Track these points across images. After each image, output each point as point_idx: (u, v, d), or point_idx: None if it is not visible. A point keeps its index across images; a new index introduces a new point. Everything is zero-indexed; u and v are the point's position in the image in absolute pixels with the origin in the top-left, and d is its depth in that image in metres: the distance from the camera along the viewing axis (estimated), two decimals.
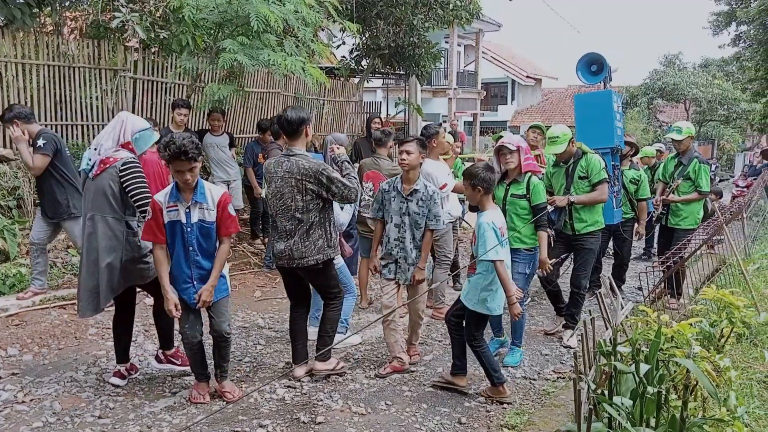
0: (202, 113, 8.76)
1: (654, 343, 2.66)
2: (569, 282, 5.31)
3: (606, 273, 6.52)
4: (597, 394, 2.57)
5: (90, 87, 7.62)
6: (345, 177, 4.14)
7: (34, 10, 7.00)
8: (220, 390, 3.97)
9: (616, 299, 3.11)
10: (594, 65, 6.12)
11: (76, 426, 3.62)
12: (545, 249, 4.58)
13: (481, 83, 25.83)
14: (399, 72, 12.79)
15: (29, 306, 5.29)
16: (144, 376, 4.33)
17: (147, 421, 3.66)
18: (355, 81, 13.28)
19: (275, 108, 10.63)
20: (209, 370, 4.02)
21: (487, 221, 3.89)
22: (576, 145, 5.16)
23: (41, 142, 5.10)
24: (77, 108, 7.60)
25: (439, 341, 5.24)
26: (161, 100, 8.48)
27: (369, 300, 6.15)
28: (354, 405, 3.96)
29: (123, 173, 3.83)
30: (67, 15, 8.59)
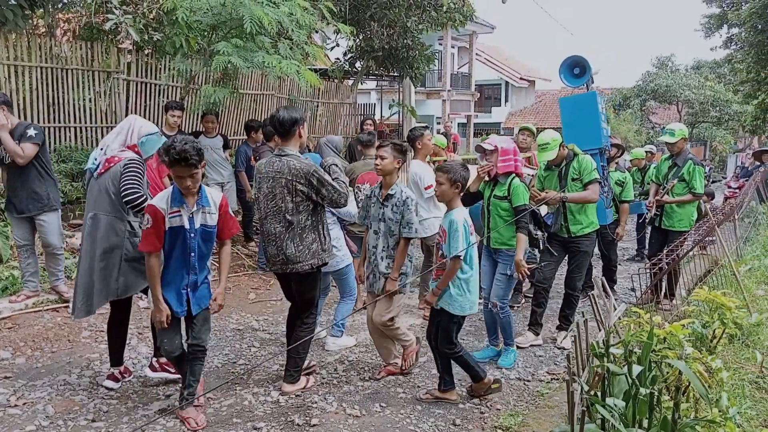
0: (195, 115, 8.75)
1: (646, 345, 2.68)
2: (563, 284, 5.34)
3: (597, 274, 6.56)
4: (590, 395, 2.58)
5: (83, 89, 7.60)
6: (335, 181, 4.06)
7: (26, 11, 6.98)
8: (182, 417, 3.66)
9: (609, 301, 3.13)
10: (577, 68, 6.16)
11: (69, 429, 3.60)
12: (521, 251, 4.55)
13: (475, 85, 25.94)
14: (393, 74, 12.82)
15: (22, 309, 5.26)
16: (138, 379, 4.31)
17: (141, 425, 3.65)
18: (349, 83, 13.30)
19: (269, 110, 10.64)
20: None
21: (460, 219, 3.86)
22: (568, 147, 5.19)
23: (32, 131, 5.00)
24: (70, 110, 7.58)
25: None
26: (155, 102, 8.47)
27: (364, 302, 6.14)
28: (348, 407, 3.97)
29: (123, 170, 3.80)
30: (60, 17, 8.57)
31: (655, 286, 5.76)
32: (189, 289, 3.60)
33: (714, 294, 3.81)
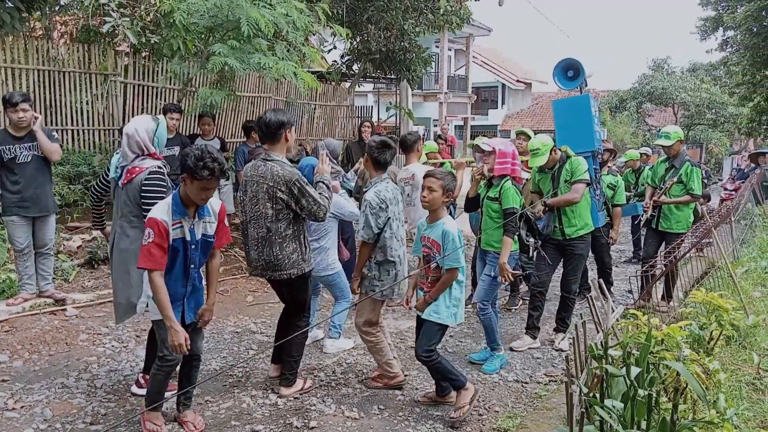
0: (192, 117, 8.75)
1: (644, 347, 2.68)
2: (560, 287, 5.34)
3: (593, 277, 6.57)
4: (589, 397, 2.59)
5: (80, 91, 7.60)
6: (318, 193, 3.91)
7: (23, 14, 6.97)
8: (182, 420, 3.66)
9: (606, 303, 3.14)
10: (570, 70, 6.20)
11: None
12: (506, 254, 4.53)
13: (472, 87, 25.96)
14: (390, 76, 12.84)
15: (19, 312, 5.25)
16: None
17: (139, 428, 3.64)
18: (347, 85, 13.30)
19: None
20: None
21: (454, 230, 3.79)
22: (561, 150, 5.20)
23: (55, 133, 5.32)
24: (67, 112, 7.57)
25: None
26: (152, 104, 8.46)
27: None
28: (347, 409, 3.97)
29: (145, 182, 3.73)
30: (57, 19, 8.57)
31: (650, 288, 5.77)
32: (186, 300, 3.50)
33: (711, 296, 3.82)
